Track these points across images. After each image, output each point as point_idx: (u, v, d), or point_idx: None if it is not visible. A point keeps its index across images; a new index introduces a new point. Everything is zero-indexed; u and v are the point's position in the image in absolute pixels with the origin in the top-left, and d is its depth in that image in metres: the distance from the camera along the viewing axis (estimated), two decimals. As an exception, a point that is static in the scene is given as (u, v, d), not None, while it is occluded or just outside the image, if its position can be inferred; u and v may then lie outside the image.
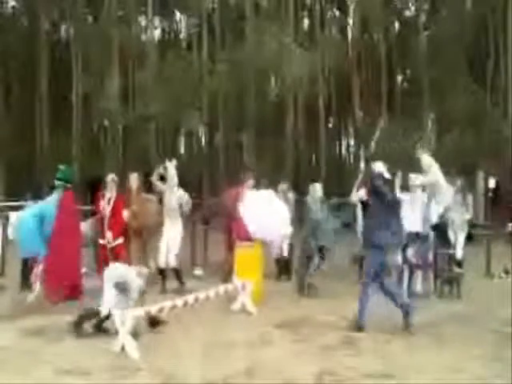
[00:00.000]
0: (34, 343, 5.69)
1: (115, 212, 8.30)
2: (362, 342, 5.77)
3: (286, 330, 6.26)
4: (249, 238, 7.91)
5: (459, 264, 8.56)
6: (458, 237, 8.83)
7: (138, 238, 8.93)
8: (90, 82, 24.08)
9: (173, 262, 8.37)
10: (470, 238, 12.73)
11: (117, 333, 5.37)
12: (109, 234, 8.22)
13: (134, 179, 9.18)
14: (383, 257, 6.24)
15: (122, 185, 9.10)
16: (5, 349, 5.50)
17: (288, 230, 8.47)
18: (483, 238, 11.27)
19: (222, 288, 6.89)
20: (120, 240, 8.33)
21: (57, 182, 7.80)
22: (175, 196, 8.52)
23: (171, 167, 8.53)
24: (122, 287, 5.80)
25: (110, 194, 8.43)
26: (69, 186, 7.83)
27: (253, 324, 6.51)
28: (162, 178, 8.70)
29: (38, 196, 8.74)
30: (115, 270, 6.04)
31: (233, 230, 8.50)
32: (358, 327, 6.11)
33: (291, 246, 9.84)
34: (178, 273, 8.45)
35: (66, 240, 7.44)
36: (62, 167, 8.01)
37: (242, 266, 7.67)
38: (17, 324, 6.35)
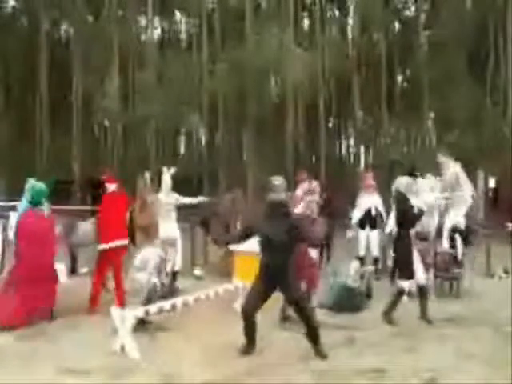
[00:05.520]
0: (33, 343, 5.68)
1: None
2: (362, 342, 5.78)
3: (287, 329, 6.26)
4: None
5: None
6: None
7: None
8: (90, 81, 24.10)
9: (178, 265, 8.34)
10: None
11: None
12: None
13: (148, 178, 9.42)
14: None
15: (124, 185, 9.10)
16: (5, 348, 5.50)
17: None
18: (483, 238, 11.26)
19: (221, 288, 6.90)
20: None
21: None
22: (172, 198, 8.52)
23: (167, 175, 8.53)
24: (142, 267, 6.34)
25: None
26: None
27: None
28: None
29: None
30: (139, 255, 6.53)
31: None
32: None
33: None
34: (175, 275, 8.41)
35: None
36: (33, 183, 6.99)
37: (242, 267, 7.66)
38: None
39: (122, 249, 7.37)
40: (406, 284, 6.70)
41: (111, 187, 7.59)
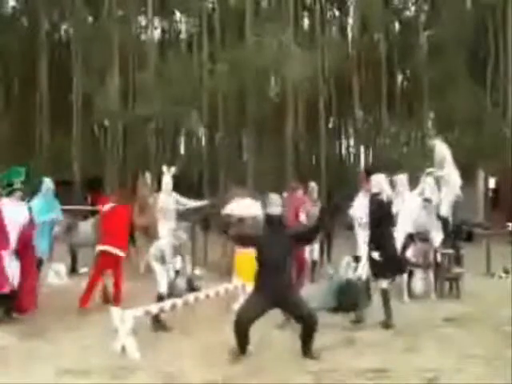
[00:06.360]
0: (33, 343, 5.68)
1: None
2: (362, 342, 5.77)
3: (286, 329, 6.26)
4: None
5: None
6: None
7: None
8: (90, 82, 24.12)
9: (179, 265, 8.37)
10: (469, 237, 12.77)
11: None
12: None
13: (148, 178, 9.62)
14: None
15: (123, 184, 9.12)
16: (5, 349, 5.49)
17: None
18: (483, 237, 11.27)
19: (221, 288, 6.89)
20: None
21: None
22: (172, 198, 8.54)
23: (167, 174, 8.55)
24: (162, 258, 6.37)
25: None
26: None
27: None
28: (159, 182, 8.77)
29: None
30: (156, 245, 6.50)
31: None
32: None
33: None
34: (177, 274, 8.46)
35: None
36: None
37: (242, 267, 7.67)
38: (17, 324, 6.35)
39: (119, 258, 7.41)
40: (384, 283, 6.61)
41: (108, 206, 7.64)
